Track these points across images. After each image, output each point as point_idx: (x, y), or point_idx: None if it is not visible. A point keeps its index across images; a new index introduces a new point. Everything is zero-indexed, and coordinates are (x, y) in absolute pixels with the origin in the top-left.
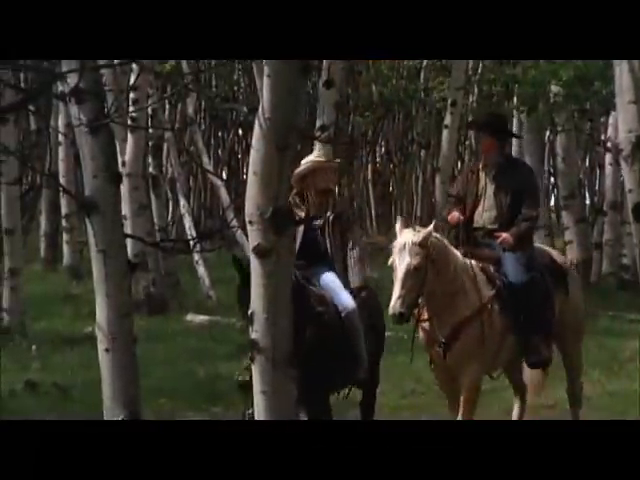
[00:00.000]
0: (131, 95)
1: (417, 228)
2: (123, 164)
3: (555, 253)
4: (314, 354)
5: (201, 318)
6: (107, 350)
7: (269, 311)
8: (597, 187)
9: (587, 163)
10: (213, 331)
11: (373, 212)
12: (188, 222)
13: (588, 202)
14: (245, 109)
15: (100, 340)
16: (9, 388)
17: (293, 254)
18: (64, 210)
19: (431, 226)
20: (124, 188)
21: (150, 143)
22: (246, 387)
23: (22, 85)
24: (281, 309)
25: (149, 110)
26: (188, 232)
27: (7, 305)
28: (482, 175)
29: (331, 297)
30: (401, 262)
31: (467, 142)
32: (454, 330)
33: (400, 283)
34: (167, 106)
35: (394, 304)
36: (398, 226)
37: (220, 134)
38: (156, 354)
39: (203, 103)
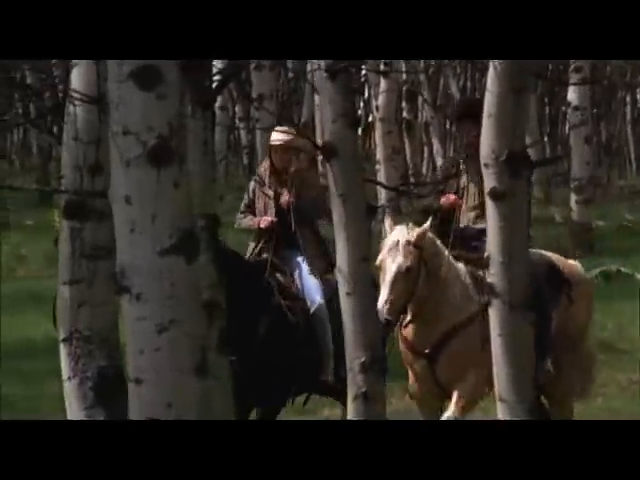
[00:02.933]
0: None
1: (410, 225)
2: (376, 108)
3: (556, 258)
4: (265, 350)
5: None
6: (348, 294)
7: (504, 254)
8: None
9: None
10: None
11: (632, 154)
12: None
13: None
14: None
15: (341, 284)
16: None
17: (528, 197)
18: None
19: (427, 224)
20: (377, 133)
21: (404, 88)
22: None
23: None
24: (516, 253)
25: None
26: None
27: None
28: (464, 169)
29: (299, 288)
30: (391, 263)
31: None
32: (442, 339)
33: (389, 286)
34: None
35: (381, 309)
36: (388, 223)
37: (477, 76)
38: None
39: None
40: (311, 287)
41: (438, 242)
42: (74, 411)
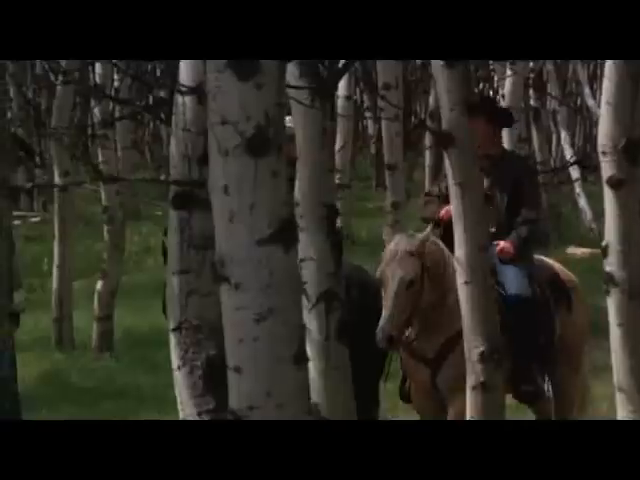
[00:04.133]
0: None
1: (410, 232)
2: (502, 97)
3: (558, 266)
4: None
5: (582, 251)
6: (466, 283)
7: (623, 243)
8: None
9: None
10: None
11: None
12: (569, 155)
13: None
14: None
15: (459, 273)
16: None
17: None
18: None
19: (428, 230)
20: None
21: (531, 75)
22: None
23: None
24: (635, 241)
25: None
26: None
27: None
28: None
29: None
30: (393, 275)
31: None
32: (444, 347)
33: (391, 301)
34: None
35: (383, 325)
36: (386, 231)
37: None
38: None
39: None
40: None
41: (441, 245)
42: (184, 400)
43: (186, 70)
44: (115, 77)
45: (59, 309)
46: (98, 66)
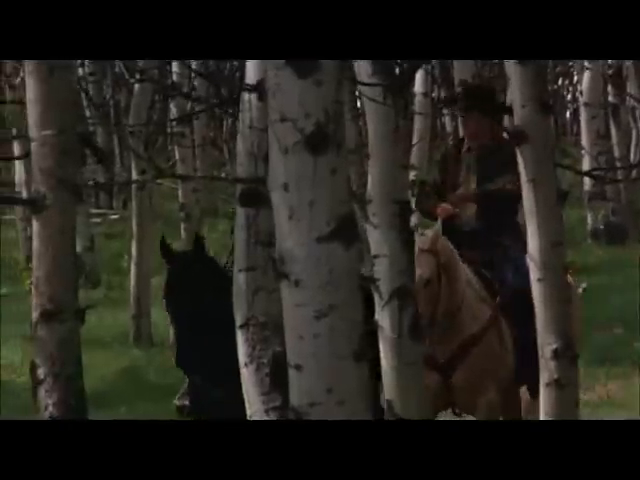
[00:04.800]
0: None
1: (419, 230)
2: (581, 93)
3: None
4: None
5: None
6: (539, 280)
7: None
8: None
9: None
10: None
11: None
12: None
13: None
14: None
15: (532, 270)
16: None
17: None
18: None
19: (437, 224)
20: (582, 117)
21: (610, 71)
22: (182, 412)
23: None
24: None
25: None
26: None
27: None
28: (463, 162)
29: None
30: None
31: None
32: (460, 350)
33: None
34: None
35: None
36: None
37: None
38: (614, 283)
39: None
40: None
41: (449, 243)
42: (251, 397)
43: (252, 68)
44: (192, 75)
45: (137, 306)
46: (175, 65)
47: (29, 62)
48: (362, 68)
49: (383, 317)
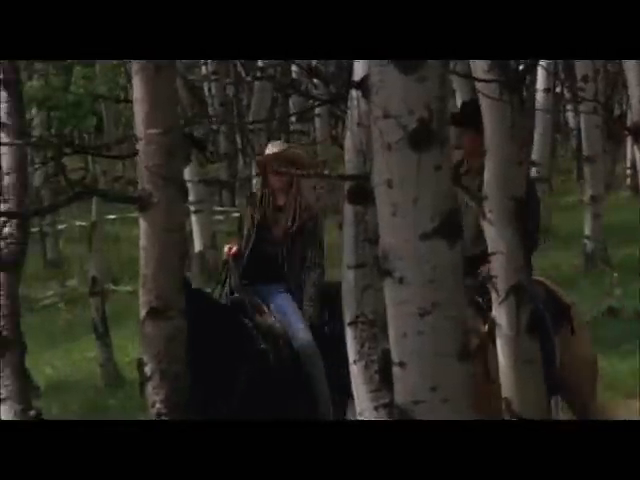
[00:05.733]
0: None
1: None
2: None
3: (549, 283)
4: (250, 404)
5: None
6: None
7: None
8: None
9: None
10: None
11: None
12: None
13: None
14: None
15: None
16: (591, 315)
17: None
18: None
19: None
20: None
21: None
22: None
23: None
24: None
25: None
26: None
27: (589, 232)
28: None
29: (284, 328)
30: None
31: None
32: None
33: None
34: None
35: None
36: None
37: None
38: None
39: None
40: (297, 325)
41: None
42: (360, 395)
43: (358, 65)
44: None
45: None
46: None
47: (135, 62)
48: (478, 64)
49: (500, 314)
